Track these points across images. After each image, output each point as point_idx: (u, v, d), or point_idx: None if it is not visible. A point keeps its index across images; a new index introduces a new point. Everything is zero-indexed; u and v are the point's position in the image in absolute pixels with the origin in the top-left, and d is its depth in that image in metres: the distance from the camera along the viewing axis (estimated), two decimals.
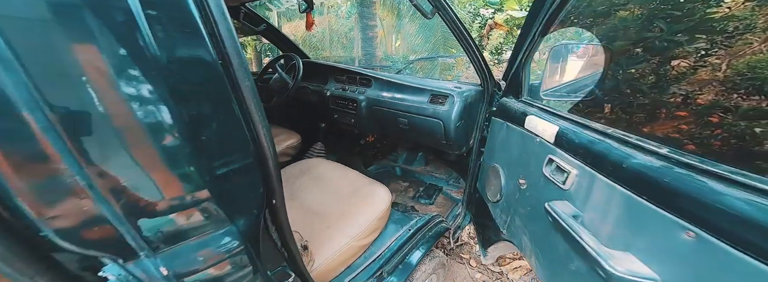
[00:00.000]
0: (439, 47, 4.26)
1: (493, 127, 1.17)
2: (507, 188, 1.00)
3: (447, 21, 0.98)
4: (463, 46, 1.08)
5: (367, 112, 1.48)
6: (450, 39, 4.16)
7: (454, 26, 1.00)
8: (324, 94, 1.64)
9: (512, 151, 0.97)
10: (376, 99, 1.43)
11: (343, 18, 6.64)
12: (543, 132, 0.76)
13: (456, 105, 1.17)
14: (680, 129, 1.39)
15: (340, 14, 7.01)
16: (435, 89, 1.25)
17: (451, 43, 4.20)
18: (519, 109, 0.94)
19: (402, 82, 1.37)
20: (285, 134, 1.61)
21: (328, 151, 1.84)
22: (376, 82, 1.47)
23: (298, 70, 1.52)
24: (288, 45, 1.83)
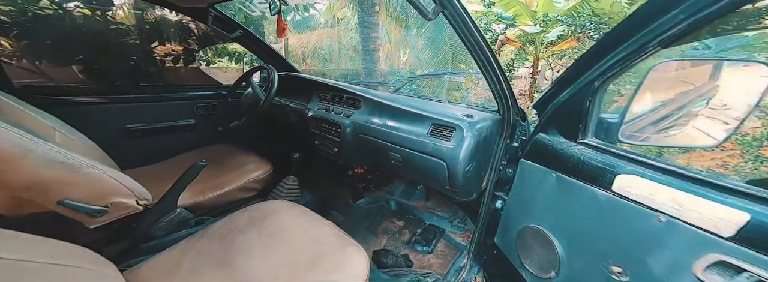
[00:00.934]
0: (448, 62, 4.02)
1: (526, 174, 0.82)
2: (571, 266, 0.64)
3: (455, 25, 0.68)
4: (477, 59, 0.77)
5: (352, 140, 1.16)
6: (460, 54, 3.92)
7: (465, 32, 0.70)
8: (305, 114, 1.34)
9: (580, 217, 0.63)
10: (363, 125, 1.12)
11: (352, 30, 6.55)
12: (696, 216, 0.42)
13: (466, 142, 0.85)
14: None
15: (349, 27, 6.96)
16: (438, 118, 0.93)
17: (461, 58, 3.95)
18: (590, 159, 0.61)
19: (396, 105, 1.06)
20: (253, 163, 1.29)
21: (306, 185, 1.51)
22: (365, 103, 1.16)
23: (271, 84, 1.24)
24: (269, 54, 1.57)
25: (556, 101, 0.71)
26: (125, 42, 1.75)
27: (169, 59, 1.89)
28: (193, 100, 1.47)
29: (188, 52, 1.99)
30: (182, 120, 1.44)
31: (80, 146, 0.95)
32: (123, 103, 1.25)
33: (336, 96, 1.29)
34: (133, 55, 1.73)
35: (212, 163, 1.29)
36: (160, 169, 1.24)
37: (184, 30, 1.99)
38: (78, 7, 1.62)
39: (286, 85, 1.58)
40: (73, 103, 1.12)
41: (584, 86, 0.62)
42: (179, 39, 1.97)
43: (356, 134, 1.14)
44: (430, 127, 0.94)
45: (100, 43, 1.61)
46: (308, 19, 7.57)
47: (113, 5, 1.78)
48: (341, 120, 1.18)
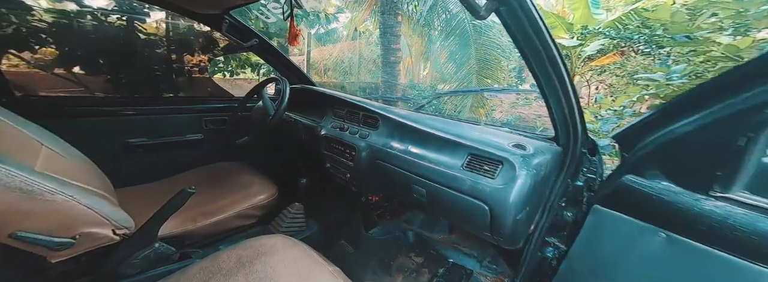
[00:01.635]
0: (472, 76, 3.82)
1: (603, 224, 0.60)
2: None
3: (513, 25, 0.50)
4: (539, 72, 0.58)
5: (367, 166, 0.98)
6: (486, 68, 3.71)
7: (525, 35, 0.51)
8: (317, 132, 1.19)
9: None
10: (381, 149, 0.94)
11: (373, 44, 6.60)
12: None
13: (519, 181, 0.63)
14: None
15: (370, 40, 7.06)
16: (478, 147, 0.73)
17: (488, 72, 3.73)
18: (747, 223, 0.39)
19: (421, 126, 0.87)
20: (257, 185, 1.15)
21: (314, 209, 1.34)
22: (384, 123, 0.99)
23: (282, 97, 1.11)
24: (285, 65, 1.47)
25: (662, 133, 0.49)
26: (146, 52, 1.75)
27: (184, 67, 1.86)
28: (202, 114, 1.38)
29: (198, 61, 1.96)
30: (189, 135, 1.35)
31: (68, 163, 0.85)
32: (126, 115, 1.17)
33: (352, 113, 1.13)
34: (153, 65, 1.72)
35: (212, 184, 1.16)
36: (159, 188, 1.12)
37: (201, 39, 1.99)
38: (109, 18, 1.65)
39: (300, 99, 1.46)
40: (72, 115, 1.05)
41: (736, 114, 0.40)
42: (195, 49, 1.96)
43: (372, 160, 0.96)
44: (467, 158, 0.73)
45: (124, 52, 1.62)
46: (331, 32, 7.83)
47: (148, 16, 1.83)
48: (356, 142, 1.01)
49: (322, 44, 7.71)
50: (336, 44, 6.93)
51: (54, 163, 0.82)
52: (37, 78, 1.74)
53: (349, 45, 6.70)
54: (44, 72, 1.55)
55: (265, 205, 1.11)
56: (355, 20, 5.13)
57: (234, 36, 1.23)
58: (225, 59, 2.87)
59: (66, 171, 0.83)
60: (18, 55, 1.50)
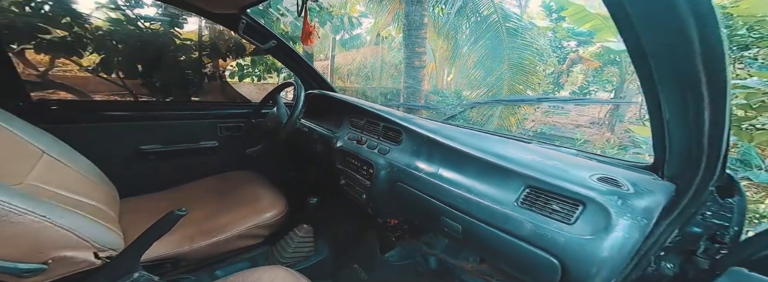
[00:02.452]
0: (503, 82, 3.53)
1: None
2: None
3: None
4: (655, 70, 0.39)
5: (386, 188, 0.83)
6: (520, 73, 3.41)
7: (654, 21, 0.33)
8: (332, 144, 1.07)
9: None
10: (403, 169, 0.77)
11: (396, 49, 6.53)
12: None
13: (619, 234, 0.43)
14: None
15: (393, 45, 7.00)
16: (543, 178, 0.53)
17: (521, 78, 3.43)
18: None
19: (457, 145, 0.69)
20: (266, 200, 1.04)
21: (326, 226, 1.20)
22: (409, 137, 0.83)
23: (296, 104, 1.00)
24: (304, 69, 1.38)
25: None
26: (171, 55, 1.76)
27: (200, 70, 1.85)
28: (218, 120, 1.31)
29: (215, 64, 1.95)
30: (203, 142, 1.28)
31: (68, 173, 0.79)
32: (139, 120, 1.13)
33: (370, 124, 0.99)
34: (179, 69, 1.73)
35: (218, 196, 1.07)
36: (166, 197, 1.06)
37: (220, 42, 1.98)
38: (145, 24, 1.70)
39: (318, 105, 1.35)
40: (86, 120, 1.02)
41: None
42: (211, 52, 1.96)
43: (393, 181, 0.80)
44: (523, 191, 0.55)
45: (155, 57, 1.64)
46: (355, 38, 7.91)
47: (186, 22, 1.89)
48: (374, 158, 0.86)
49: (346, 49, 7.78)
50: (359, 49, 6.96)
51: (52, 172, 0.76)
52: (80, 82, 1.85)
53: (372, 50, 6.68)
54: (90, 74, 1.64)
55: (272, 224, 0.99)
56: (378, 24, 5.08)
57: (251, 37, 1.15)
58: (252, 62, 2.90)
59: (64, 181, 0.77)
60: (75, 61, 1.59)
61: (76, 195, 0.75)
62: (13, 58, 1.58)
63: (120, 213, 0.93)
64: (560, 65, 4.03)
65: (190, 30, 1.95)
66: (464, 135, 0.76)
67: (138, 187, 1.05)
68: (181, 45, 1.80)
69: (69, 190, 0.74)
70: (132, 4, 1.61)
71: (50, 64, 1.69)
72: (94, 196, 0.81)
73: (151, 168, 1.17)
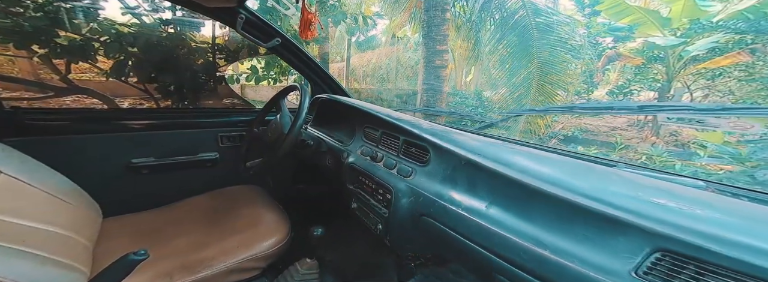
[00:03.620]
0: (532, 82, 3.20)
1: None
2: None
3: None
4: None
5: (408, 220, 0.63)
6: (552, 72, 3.08)
7: None
8: (343, 158, 0.90)
9: None
10: (433, 200, 0.57)
11: (411, 49, 6.33)
12: None
13: None
14: None
15: (408, 46, 6.81)
16: (691, 241, 0.31)
17: (553, 77, 3.07)
18: None
19: (516, 175, 0.48)
20: (265, 224, 0.89)
21: (335, 254, 1.03)
22: (439, 156, 0.63)
23: (300, 110, 0.84)
24: (313, 71, 1.22)
25: None
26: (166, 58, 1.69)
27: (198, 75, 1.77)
28: (218, 129, 1.19)
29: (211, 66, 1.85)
30: (202, 153, 1.16)
31: (29, 195, 0.66)
32: (131, 131, 1.01)
33: (388, 136, 0.80)
34: (176, 72, 1.66)
35: (212, 216, 0.93)
36: (157, 217, 0.93)
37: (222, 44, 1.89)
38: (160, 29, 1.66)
39: (328, 112, 1.18)
40: (69, 131, 0.91)
41: None
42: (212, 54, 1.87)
43: (417, 213, 0.61)
44: (649, 255, 0.33)
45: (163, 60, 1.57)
46: (370, 39, 7.81)
47: (203, 25, 1.85)
48: (392, 182, 0.67)
49: (361, 51, 7.69)
50: (374, 50, 6.83)
51: (4, 196, 0.65)
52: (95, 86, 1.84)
53: (387, 51, 6.53)
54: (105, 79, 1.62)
55: (270, 255, 0.82)
56: (394, 24, 4.91)
57: (252, 34, 1.00)
58: (266, 65, 2.82)
59: (19, 206, 0.65)
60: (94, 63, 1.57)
61: (33, 222, 0.63)
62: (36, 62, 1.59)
63: (100, 234, 0.82)
64: (596, 63, 3.64)
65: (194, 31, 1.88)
66: (517, 155, 0.55)
67: (127, 205, 0.93)
68: (178, 44, 1.74)
69: (24, 216, 0.61)
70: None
71: (66, 69, 1.68)
72: (61, 220, 0.69)
73: (143, 184, 1.05)
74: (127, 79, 1.69)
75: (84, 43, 1.53)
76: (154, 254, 0.79)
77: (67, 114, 0.92)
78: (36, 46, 1.46)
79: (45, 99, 1.73)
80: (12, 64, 1.86)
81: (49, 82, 1.72)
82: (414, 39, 5.83)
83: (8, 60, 1.76)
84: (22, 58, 1.75)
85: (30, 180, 0.68)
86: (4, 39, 1.40)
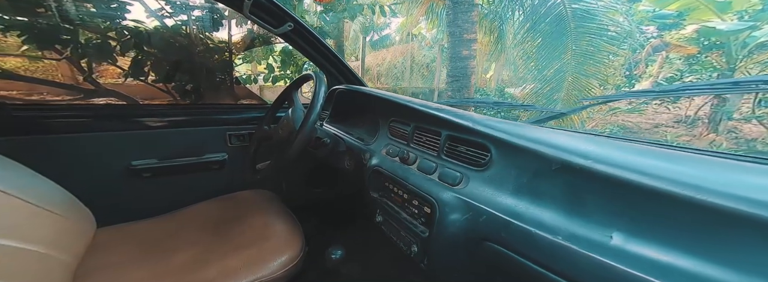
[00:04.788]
0: (566, 75, 2.89)
1: None
2: None
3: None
4: None
5: (462, 248, 0.46)
6: (589, 63, 2.75)
7: None
8: (364, 159, 0.74)
9: None
10: (504, 223, 0.39)
11: (427, 46, 6.13)
12: None
13: None
14: None
15: (423, 44, 6.62)
16: None
17: (591, 68, 2.74)
18: None
19: (666, 187, 0.28)
20: (276, 238, 0.75)
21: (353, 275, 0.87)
22: (508, 156, 0.45)
23: (314, 102, 0.69)
24: (329, 60, 1.08)
25: None
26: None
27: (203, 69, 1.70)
28: (227, 127, 1.07)
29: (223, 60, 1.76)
30: (209, 154, 1.05)
31: (8, 205, 0.56)
32: (132, 129, 0.91)
33: (423, 131, 0.64)
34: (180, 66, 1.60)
35: (215, 228, 0.81)
36: (148, 229, 0.82)
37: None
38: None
39: (347, 106, 1.04)
40: (62, 130, 0.82)
41: None
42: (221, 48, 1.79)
43: (474, 238, 0.43)
44: None
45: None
46: (384, 38, 7.71)
47: (221, 26, 1.81)
48: (435, 192, 0.50)
49: (376, 50, 7.59)
50: (389, 49, 6.70)
51: None
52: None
53: (402, 49, 6.36)
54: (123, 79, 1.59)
55: (278, 278, 0.68)
56: (409, 19, 4.73)
57: (260, 18, 0.88)
58: (282, 64, 2.74)
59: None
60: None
61: (5, 239, 0.52)
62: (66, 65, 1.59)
63: (92, 246, 0.72)
64: (638, 53, 3.25)
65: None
66: (640, 155, 0.36)
67: (126, 213, 0.83)
68: (194, 42, 1.68)
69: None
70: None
71: (89, 70, 1.67)
72: (42, 234, 0.58)
73: (143, 189, 0.95)
74: (147, 79, 1.66)
75: (101, 41, 1.51)
76: (149, 272, 0.68)
77: (60, 111, 0.83)
78: (59, 47, 1.45)
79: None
80: (54, 69, 1.90)
81: (79, 85, 1.72)
82: (430, 35, 5.62)
83: (49, 65, 1.79)
84: (49, 59, 1.77)
85: (7, 188, 0.58)
86: (29, 39, 1.39)
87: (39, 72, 1.89)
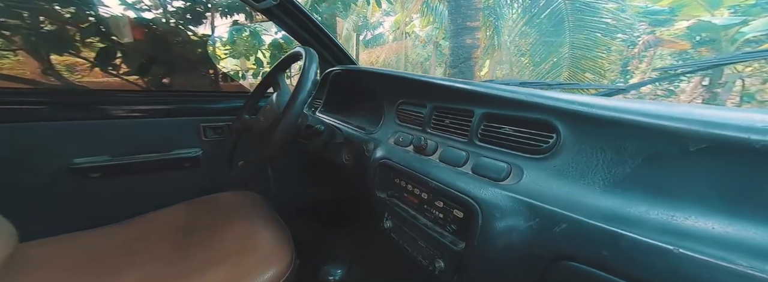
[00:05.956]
0: (563, 70, 2.83)
1: None
2: None
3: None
4: None
5: (520, 267, 0.33)
6: (586, 57, 2.70)
7: None
8: (367, 151, 0.61)
9: None
10: (601, 232, 0.26)
11: (421, 44, 6.07)
12: None
13: None
14: None
15: (417, 42, 6.56)
16: None
17: (588, 63, 2.69)
18: None
19: None
20: (263, 248, 0.61)
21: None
22: (591, 136, 0.31)
23: (303, 79, 0.55)
24: (323, 43, 0.94)
25: None
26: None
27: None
28: (202, 117, 0.91)
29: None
30: (180, 150, 0.88)
31: None
32: (74, 119, 0.73)
33: (446, 112, 0.50)
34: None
35: (180, 241, 0.65)
36: (109, 238, 0.66)
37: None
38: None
39: (343, 91, 0.90)
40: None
41: None
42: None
43: (542, 254, 0.30)
44: None
45: None
46: (378, 37, 7.65)
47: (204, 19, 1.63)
48: (473, 191, 0.37)
49: (369, 48, 7.50)
50: (383, 46, 6.61)
51: None
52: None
53: (396, 46, 6.28)
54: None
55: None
56: (404, 14, 4.61)
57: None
58: (272, 58, 2.53)
59: None
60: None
61: None
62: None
63: (9, 266, 0.55)
64: (632, 49, 3.26)
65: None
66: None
67: (64, 224, 0.66)
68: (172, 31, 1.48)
69: None
70: None
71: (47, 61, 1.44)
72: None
73: (90, 193, 0.77)
74: (119, 72, 1.45)
75: (57, 27, 1.30)
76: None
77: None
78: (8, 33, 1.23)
79: None
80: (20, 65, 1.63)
81: (44, 81, 1.48)
82: (424, 33, 5.54)
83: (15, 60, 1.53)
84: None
85: None
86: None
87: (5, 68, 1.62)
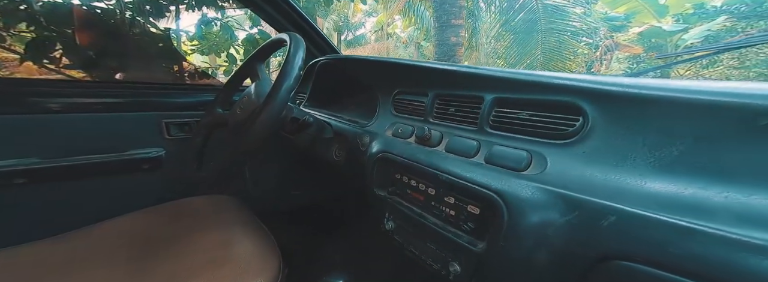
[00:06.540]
0: (536, 70, 3.00)
1: None
2: None
3: None
4: None
5: (556, 270, 0.29)
6: (556, 59, 2.89)
7: None
8: (362, 145, 0.55)
9: None
10: (656, 223, 0.22)
11: (403, 45, 6.12)
12: None
13: None
14: None
15: (399, 43, 6.60)
16: None
17: (558, 64, 2.89)
18: None
19: None
20: (245, 259, 0.52)
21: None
22: (620, 115, 0.29)
23: (287, 66, 0.48)
24: (303, 31, 0.86)
25: None
26: None
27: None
28: (164, 112, 0.79)
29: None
30: (137, 150, 0.76)
31: None
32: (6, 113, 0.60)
33: (447, 99, 0.47)
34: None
35: (137, 253, 0.55)
36: (41, 253, 0.53)
37: None
38: None
39: (331, 84, 0.83)
40: None
41: None
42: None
43: (593, 254, 0.26)
44: None
45: None
46: (359, 38, 7.63)
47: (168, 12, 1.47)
48: (493, 183, 0.33)
49: (351, 48, 7.43)
50: (364, 46, 6.56)
51: None
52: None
53: (378, 46, 6.26)
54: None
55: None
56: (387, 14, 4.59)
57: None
58: (245, 54, 2.34)
59: None
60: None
61: None
62: None
63: None
64: (595, 52, 3.55)
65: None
66: None
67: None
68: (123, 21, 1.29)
69: None
70: None
71: None
72: None
73: (19, 202, 0.64)
74: (59, 66, 1.24)
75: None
76: None
77: None
78: None
79: None
80: None
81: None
82: (406, 34, 5.58)
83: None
84: None
85: None
86: None
87: None
